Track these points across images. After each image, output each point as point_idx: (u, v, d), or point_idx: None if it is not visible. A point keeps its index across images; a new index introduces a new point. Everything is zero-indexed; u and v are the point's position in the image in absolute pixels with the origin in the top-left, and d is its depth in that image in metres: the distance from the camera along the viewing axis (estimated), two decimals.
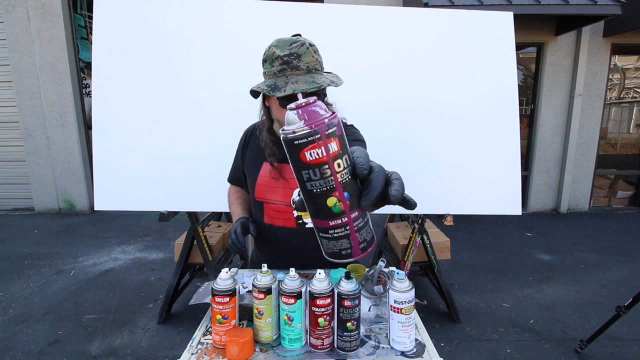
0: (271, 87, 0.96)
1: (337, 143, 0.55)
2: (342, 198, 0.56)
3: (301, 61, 0.97)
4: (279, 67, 0.98)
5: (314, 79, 0.96)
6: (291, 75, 0.97)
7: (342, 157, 0.55)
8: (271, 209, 1.18)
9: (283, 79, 0.97)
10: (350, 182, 0.57)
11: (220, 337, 0.85)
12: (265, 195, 1.17)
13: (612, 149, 5.39)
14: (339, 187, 0.56)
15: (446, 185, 2.01)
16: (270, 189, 1.16)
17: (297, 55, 0.97)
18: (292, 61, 0.97)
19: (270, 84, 0.98)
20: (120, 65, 1.92)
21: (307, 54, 0.98)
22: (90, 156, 4.21)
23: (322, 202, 0.57)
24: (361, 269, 1.05)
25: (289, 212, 1.16)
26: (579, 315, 2.63)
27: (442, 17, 2.02)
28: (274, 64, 0.99)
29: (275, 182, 1.15)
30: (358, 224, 0.60)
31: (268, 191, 1.16)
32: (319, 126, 0.54)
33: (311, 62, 0.99)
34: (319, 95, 1.01)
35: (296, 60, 0.97)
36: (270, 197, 1.17)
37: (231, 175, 1.36)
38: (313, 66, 0.99)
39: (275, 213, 1.17)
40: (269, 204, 1.18)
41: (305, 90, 0.93)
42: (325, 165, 0.54)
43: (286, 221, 1.16)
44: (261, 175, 1.18)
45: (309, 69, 0.99)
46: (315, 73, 1.00)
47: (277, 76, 0.99)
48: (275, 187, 1.15)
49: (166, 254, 3.70)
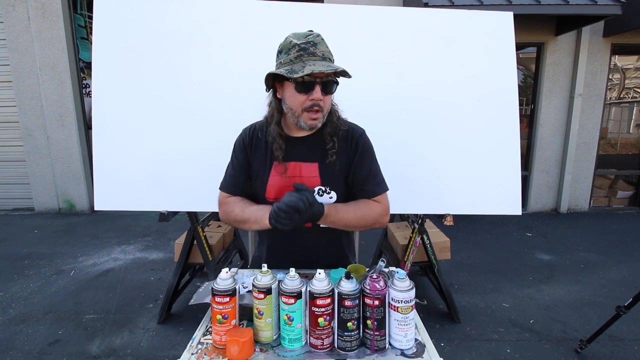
0: (289, 71, 1.01)
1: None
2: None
3: (317, 49, 1.03)
4: (295, 53, 1.03)
5: (329, 65, 1.02)
6: (308, 60, 1.02)
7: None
8: None
9: (300, 64, 1.02)
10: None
11: (221, 337, 0.85)
12: (278, 194, 1.15)
13: (612, 149, 5.39)
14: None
15: (446, 185, 2.01)
16: (284, 188, 1.14)
17: (313, 43, 1.03)
18: (309, 48, 1.03)
19: (287, 68, 1.02)
20: (120, 65, 1.92)
21: (322, 43, 1.05)
22: (90, 156, 4.21)
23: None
24: (361, 269, 1.05)
25: None
26: (579, 315, 2.63)
27: (442, 17, 2.02)
28: (290, 52, 1.03)
29: (288, 180, 1.13)
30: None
31: (281, 190, 1.14)
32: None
33: (326, 52, 1.05)
34: (334, 87, 1.07)
35: (312, 47, 1.03)
36: (282, 196, 1.16)
37: (230, 184, 1.21)
38: (328, 55, 1.05)
39: None
40: None
41: (322, 71, 0.98)
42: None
43: None
44: (272, 175, 1.15)
45: (324, 56, 1.04)
46: (329, 61, 1.05)
47: (293, 62, 1.03)
48: (288, 185, 1.13)
49: (166, 254, 3.70)
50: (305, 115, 1.07)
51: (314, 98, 1.04)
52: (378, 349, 0.84)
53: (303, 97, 1.04)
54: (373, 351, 0.84)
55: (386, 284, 0.85)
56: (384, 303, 0.84)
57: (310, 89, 1.03)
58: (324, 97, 1.05)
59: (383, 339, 0.84)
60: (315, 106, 1.05)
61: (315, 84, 1.03)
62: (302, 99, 1.05)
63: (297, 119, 1.09)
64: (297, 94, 1.05)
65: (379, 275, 0.86)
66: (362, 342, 0.86)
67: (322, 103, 1.06)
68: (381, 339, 0.84)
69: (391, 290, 0.84)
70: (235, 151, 1.24)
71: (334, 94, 1.15)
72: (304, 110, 1.06)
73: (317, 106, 1.05)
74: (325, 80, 1.04)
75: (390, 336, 0.86)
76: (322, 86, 1.04)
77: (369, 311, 0.83)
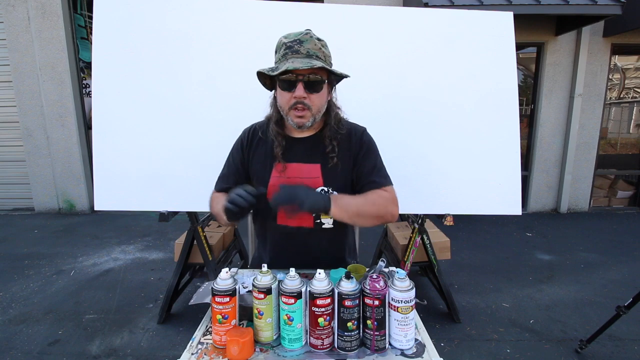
0: (272, 69, 1.06)
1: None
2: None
3: (302, 46, 1.04)
4: (283, 52, 1.06)
5: (310, 61, 1.02)
6: (291, 57, 1.04)
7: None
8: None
9: (283, 62, 1.04)
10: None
11: (221, 337, 0.85)
12: None
13: (612, 149, 5.39)
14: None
15: (446, 185, 2.01)
16: None
17: (299, 41, 1.05)
18: (294, 46, 1.04)
19: (273, 67, 1.07)
20: (120, 65, 1.92)
21: (309, 41, 1.05)
22: (90, 156, 4.21)
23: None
24: (361, 269, 1.05)
25: None
26: (579, 315, 2.63)
27: (442, 17, 2.02)
28: (279, 51, 1.07)
29: (289, 181, 1.13)
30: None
31: None
32: None
33: (312, 49, 1.05)
34: (320, 85, 1.06)
35: (298, 45, 1.04)
36: None
37: (220, 182, 1.24)
38: (314, 52, 1.05)
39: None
40: None
41: (297, 67, 0.99)
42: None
43: (302, 220, 1.15)
44: (274, 175, 1.15)
45: (308, 54, 1.04)
46: (315, 59, 1.04)
47: (280, 61, 1.06)
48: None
49: (166, 254, 3.70)
50: (292, 113, 1.08)
51: (296, 96, 1.05)
52: (378, 349, 0.84)
53: (288, 95, 1.06)
54: (373, 351, 0.84)
55: (386, 284, 0.85)
56: (384, 303, 0.84)
57: (293, 87, 1.04)
58: (308, 95, 1.05)
59: (383, 339, 0.84)
60: (299, 104, 1.05)
61: (297, 81, 1.04)
62: (287, 97, 1.06)
63: (286, 117, 1.10)
64: (283, 92, 1.07)
65: (379, 275, 0.86)
66: (362, 342, 0.86)
67: (308, 101, 1.06)
68: (381, 339, 0.84)
69: (391, 290, 0.84)
70: (233, 151, 1.24)
71: (333, 93, 1.16)
72: (290, 109, 1.07)
73: (301, 104, 1.05)
74: (309, 79, 1.04)
75: (390, 336, 0.86)
76: (305, 84, 1.04)
77: (369, 311, 0.83)
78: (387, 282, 0.86)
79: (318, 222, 1.16)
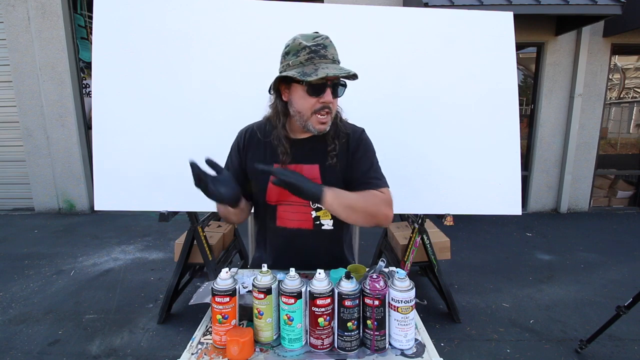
0: (301, 73, 1.00)
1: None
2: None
3: (328, 51, 1.03)
4: (306, 55, 1.02)
5: (342, 67, 1.03)
6: (320, 62, 1.02)
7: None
8: (286, 210, 1.15)
9: (311, 66, 1.01)
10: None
11: (221, 337, 0.85)
12: (280, 197, 1.14)
13: (612, 149, 5.39)
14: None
15: (446, 185, 2.01)
16: (285, 190, 1.09)
17: (323, 45, 1.03)
18: (319, 50, 1.02)
19: (299, 71, 1.01)
20: (120, 65, 1.92)
21: (331, 46, 1.05)
22: (90, 156, 4.21)
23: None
24: (361, 269, 1.05)
25: (307, 212, 1.14)
26: (579, 315, 2.63)
27: (442, 17, 2.03)
28: (300, 54, 1.02)
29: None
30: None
31: (282, 193, 1.12)
32: None
33: (335, 54, 1.06)
34: (343, 90, 1.08)
35: (323, 50, 1.03)
36: (284, 198, 1.14)
37: None
38: (337, 58, 1.06)
39: (290, 215, 1.15)
40: (283, 205, 1.15)
41: (336, 74, 0.99)
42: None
43: (302, 222, 1.15)
44: (273, 177, 1.14)
45: (334, 59, 1.05)
46: (339, 65, 1.06)
47: (304, 65, 1.02)
48: None
49: (166, 254, 3.70)
50: (314, 119, 1.06)
51: (324, 101, 1.04)
52: (378, 349, 0.84)
53: (313, 99, 1.04)
54: (373, 351, 0.84)
55: (386, 284, 0.85)
56: (384, 303, 0.84)
57: (322, 92, 1.03)
58: (333, 100, 1.06)
59: (383, 339, 0.84)
60: (325, 108, 1.05)
61: (326, 86, 1.03)
62: (312, 102, 1.04)
63: (305, 122, 1.08)
64: (308, 97, 1.04)
65: (379, 275, 0.86)
66: (362, 342, 0.86)
67: (332, 106, 1.07)
68: (381, 339, 0.84)
69: (391, 290, 0.84)
70: (231, 154, 1.24)
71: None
72: (314, 113, 1.06)
73: (328, 108, 1.06)
74: (335, 83, 1.05)
75: (390, 336, 0.86)
76: (332, 89, 1.04)
77: (369, 311, 0.83)
78: (387, 282, 0.86)
79: (318, 223, 1.16)
